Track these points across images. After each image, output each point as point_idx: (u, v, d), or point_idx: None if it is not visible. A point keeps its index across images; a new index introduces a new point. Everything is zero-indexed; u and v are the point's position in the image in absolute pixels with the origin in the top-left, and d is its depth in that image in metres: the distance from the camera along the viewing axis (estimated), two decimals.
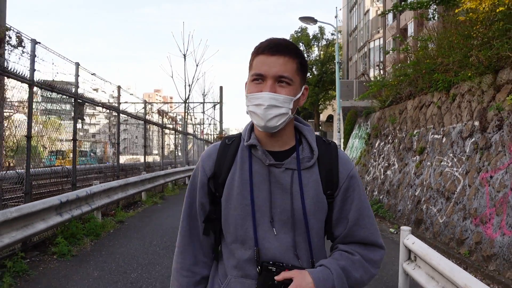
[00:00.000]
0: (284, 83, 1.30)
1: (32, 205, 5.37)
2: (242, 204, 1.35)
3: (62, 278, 5.08)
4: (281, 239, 1.34)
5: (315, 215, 1.36)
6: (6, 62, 5.13)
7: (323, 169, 1.39)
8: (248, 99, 1.33)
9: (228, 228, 1.39)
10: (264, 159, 1.36)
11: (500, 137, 6.69)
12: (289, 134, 1.40)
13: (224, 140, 1.48)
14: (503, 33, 6.85)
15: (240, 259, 1.36)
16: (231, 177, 1.38)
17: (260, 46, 1.33)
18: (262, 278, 1.29)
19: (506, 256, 5.73)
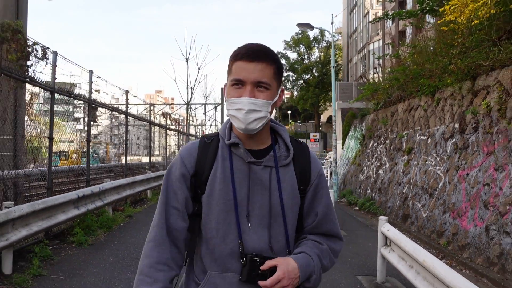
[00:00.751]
0: (262, 88, 1.38)
1: (55, 199, 6.09)
2: (224, 199, 1.42)
3: (82, 263, 5.80)
4: (256, 232, 1.42)
5: (291, 209, 1.47)
6: (34, 72, 5.86)
7: (298, 167, 1.50)
8: (228, 103, 1.41)
9: (209, 223, 1.43)
10: (245, 157, 1.44)
11: (476, 138, 7.39)
12: (266, 134, 1.50)
13: (203, 138, 1.54)
14: (479, 43, 7.55)
15: (221, 254, 1.42)
16: (213, 174, 1.44)
17: (238, 52, 1.40)
18: (247, 269, 1.37)
19: (477, 244, 6.42)
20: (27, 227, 5.32)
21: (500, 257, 5.81)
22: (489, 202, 6.43)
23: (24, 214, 5.17)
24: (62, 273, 5.31)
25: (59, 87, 6.71)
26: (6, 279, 4.87)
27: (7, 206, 5.02)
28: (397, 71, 11.37)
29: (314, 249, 1.48)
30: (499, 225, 6.02)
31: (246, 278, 1.37)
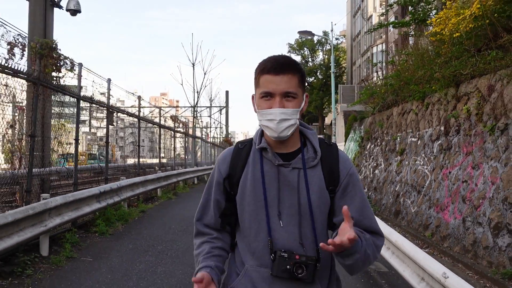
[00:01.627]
0: (290, 97, 1.51)
1: (81, 193, 6.99)
2: (255, 200, 1.55)
3: (106, 249, 6.69)
4: (287, 230, 1.53)
5: (319, 208, 1.55)
6: (63, 81, 6.77)
7: (326, 168, 1.58)
8: (260, 114, 1.54)
9: (243, 222, 1.59)
10: (274, 160, 1.56)
11: (457, 140, 8.21)
12: (295, 137, 1.61)
13: (237, 144, 1.70)
14: (460, 54, 8.38)
15: (255, 250, 1.56)
16: (244, 176, 1.59)
17: (265, 67, 1.53)
18: (277, 264, 1.49)
19: (456, 235, 7.24)
20: (60, 216, 6.22)
21: (474, 244, 6.63)
22: (466, 197, 7.25)
23: (58, 204, 6.07)
24: (90, 256, 6.20)
25: (83, 95, 7.63)
26: (44, 260, 5.77)
27: (44, 198, 5.92)
28: (391, 77, 12.20)
29: (361, 234, 1.54)
30: (474, 217, 6.84)
31: (276, 272, 1.49)
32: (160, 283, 5.14)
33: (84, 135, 27.73)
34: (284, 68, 1.50)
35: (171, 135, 17.09)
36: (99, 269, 5.64)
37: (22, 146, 7.39)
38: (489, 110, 7.26)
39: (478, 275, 6.03)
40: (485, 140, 7.22)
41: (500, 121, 6.86)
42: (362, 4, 50.76)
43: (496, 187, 6.51)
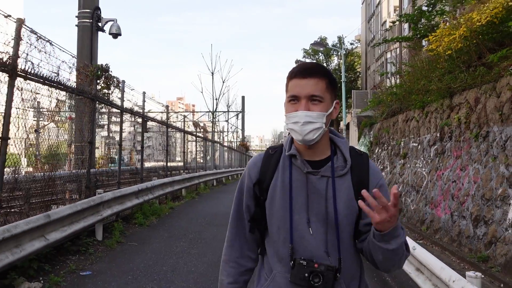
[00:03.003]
0: (316, 101, 1.54)
1: (125, 190, 8.39)
2: (283, 206, 1.58)
3: (146, 236, 8.05)
4: (316, 238, 1.55)
5: (347, 217, 1.57)
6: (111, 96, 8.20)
7: (355, 177, 1.59)
8: (287, 118, 1.58)
9: (272, 227, 1.61)
10: (303, 167, 1.59)
11: (450, 145, 9.37)
12: (325, 145, 1.62)
13: (268, 150, 1.73)
14: (452, 69, 9.55)
15: (283, 256, 1.58)
16: (274, 182, 1.61)
17: (293, 71, 1.59)
18: (295, 271, 1.52)
19: (445, 228, 8.41)
20: (110, 208, 7.61)
21: (458, 235, 7.80)
22: (455, 195, 8.42)
23: (109, 198, 7.46)
24: (134, 242, 7.58)
25: (125, 107, 9.07)
26: (99, 243, 7.15)
27: (99, 193, 7.31)
28: (396, 87, 13.36)
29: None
30: (459, 212, 8.01)
31: (294, 279, 1.51)
32: (195, 261, 6.46)
33: (103, 139, 29.37)
34: (310, 72, 1.55)
35: (193, 139, 18.50)
36: (144, 251, 6.99)
37: (71, 150, 8.84)
38: (475, 119, 8.42)
39: (460, 259, 7.20)
40: (471, 145, 8.38)
41: (483, 129, 8.02)
42: (376, 9, 51.72)
43: (477, 185, 7.67)
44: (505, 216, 6.56)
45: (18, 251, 4.70)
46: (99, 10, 9.47)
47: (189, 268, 6.11)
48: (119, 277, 5.56)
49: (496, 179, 7.11)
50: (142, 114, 10.57)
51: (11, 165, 5.34)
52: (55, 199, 6.83)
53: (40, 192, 6.10)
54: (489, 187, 7.23)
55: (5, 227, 4.53)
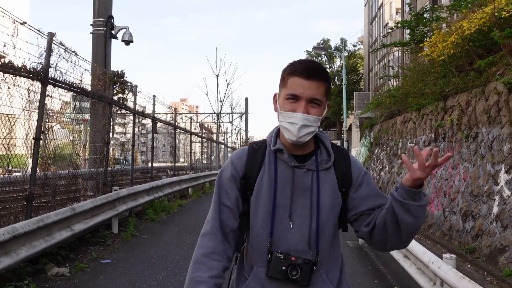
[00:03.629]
0: (315, 104, 1.55)
1: (138, 187, 9.00)
2: (269, 200, 1.59)
3: (158, 231, 8.66)
4: (297, 231, 1.57)
5: (332, 209, 1.61)
6: (126, 101, 8.81)
7: (339, 170, 1.65)
8: (282, 115, 1.57)
9: (256, 222, 1.62)
10: (289, 162, 1.62)
11: (443, 146, 9.93)
12: (310, 140, 1.63)
13: (251, 145, 1.73)
14: (445, 74, 10.12)
15: (266, 250, 1.58)
16: (260, 177, 1.62)
17: (296, 69, 1.56)
18: (272, 265, 1.54)
19: (438, 223, 8.97)
20: (125, 204, 8.22)
21: (449, 229, 8.36)
22: (446, 192, 8.98)
23: (124, 195, 8.07)
24: (147, 235, 8.19)
25: (137, 109, 9.69)
26: (115, 236, 7.77)
27: (115, 189, 7.92)
28: (394, 90, 13.92)
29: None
30: (450, 208, 8.57)
31: (271, 273, 1.53)
32: None
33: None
34: (315, 74, 1.54)
35: (199, 141, 19.13)
36: (157, 243, 7.60)
37: (86, 150, 9.46)
38: (466, 121, 8.98)
39: (450, 252, 7.74)
40: (462, 145, 8.95)
41: (473, 130, 8.58)
42: (378, 12, 52.24)
43: (466, 183, 8.24)
44: (490, 211, 7.13)
45: (49, 239, 5.31)
46: (112, 18, 10.10)
47: None
48: (136, 265, 6.16)
49: (483, 177, 7.67)
50: (153, 116, 11.20)
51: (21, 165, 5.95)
52: (78, 196, 7.43)
53: (65, 189, 6.72)
54: (477, 184, 7.80)
55: (39, 217, 5.15)
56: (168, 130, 14.73)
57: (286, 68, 1.60)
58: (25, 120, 6.08)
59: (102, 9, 10.00)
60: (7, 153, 5.33)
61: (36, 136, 5.35)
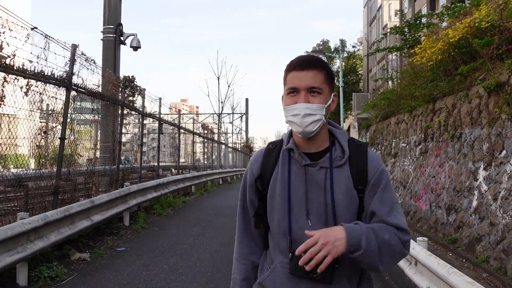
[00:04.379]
0: (315, 93, 1.56)
1: (146, 184, 9.71)
2: (283, 200, 1.62)
3: (165, 223, 9.37)
4: (315, 229, 1.53)
5: (347, 208, 1.59)
6: (134, 103, 9.52)
7: (354, 167, 1.61)
8: (286, 110, 1.60)
9: (273, 221, 1.66)
10: (301, 160, 1.63)
11: (431, 145, 10.65)
12: (324, 137, 1.66)
13: (268, 145, 1.77)
14: (434, 78, 10.83)
15: (284, 248, 1.62)
16: (274, 177, 1.66)
17: (291, 64, 1.61)
18: (294, 262, 1.53)
19: (426, 217, 9.68)
20: (135, 199, 8.94)
21: (435, 222, 9.07)
22: (433, 188, 9.69)
23: (135, 190, 8.79)
24: (156, 227, 8.90)
25: (146, 111, 10.41)
26: (127, 228, 8.48)
27: (126, 185, 8.63)
28: (387, 92, 14.64)
29: (369, 224, 1.58)
30: (437, 203, 9.28)
31: (293, 271, 1.55)
32: (209, 242, 7.76)
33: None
34: (309, 64, 1.57)
35: (200, 141, 19.85)
36: (165, 234, 8.31)
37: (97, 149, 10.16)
38: (452, 122, 9.68)
39: (434, 242, 8.46)
40: (448, 145, 9.65)
41: (457, 131, 9.29)
42: (377, 13, 52.98)
43: (451, 179, 8.95)
44: (470, 204, 7.84)
45: (73, 227, 6.03)
46: (121, 25, 10.81)
47: (205, 246, 7.41)
48: (148, 252, 6.87)
49: (465, 174, 8.39)
50: (159, 117, 11.92)
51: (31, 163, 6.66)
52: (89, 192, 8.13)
53: (84, 183, 7.44)
54: (460, 181, 8.51)
55: (65, 208, 5.86)
56: (173, 131, 15.42)
57: (285, 68, 1.65)
58: (44, 121, 6.80)
59: (112, 17, 10.71)
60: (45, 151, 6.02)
61: (61, 136, 6.06)
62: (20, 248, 4.75)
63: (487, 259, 6.69)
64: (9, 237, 4.52)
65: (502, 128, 7.33)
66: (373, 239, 1.50)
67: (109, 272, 5.77)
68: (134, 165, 10.49)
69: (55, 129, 6.50)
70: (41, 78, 5.42)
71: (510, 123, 7.09)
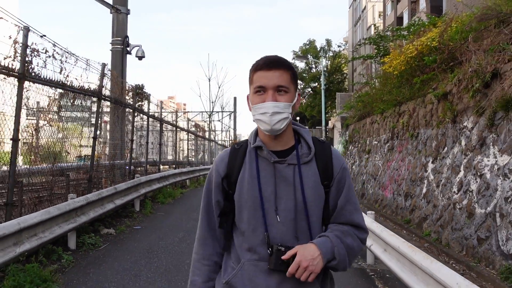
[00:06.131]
0: (282, 91, 1.64)
1: (151, 176, 11.42)
2: (252, 197, 1.68)
3: (169, 210, 11.10)
4: (284, 225, 1.66)
5: (315, 202, 1.69)
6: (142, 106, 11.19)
7: (320, 163, 1.72)
8: (254, 109, 1.67)
9: (242, 218, 1.72)
10: (269, 158, 1.69)
11: (396, 143, 12.52)
12: (289, 135, 1.73)
13: (233, 145, 1.83)
14: (399, 85, 12.71)
15: (253, 245, 1.69)
16: (242, 175, 1.72)
17: (258, 64, 1.68)
18: (274, 257, 1.62)
19: (389, 204, 11.55)
20: (144, 188, 10.63)
21: (396, 208, 10.95)
22: (396, 179, 11.57)
23: (143, 181, 10.49)
24: (162, 212, 10.61)
25: (151, 114, 12.08)
26: (137, 212, 10.18)
27: (137, 177, 10.32)
28: (363, 95, 16.54)
29: (333, 232, 1.70)
30: (398, 191, 11.15)
31: (274, 266, 1.62)
32: None
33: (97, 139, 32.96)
34: (275, 64, 1.65)
35: (193, 138, 21.57)
36: (170, 218, 10.02)
37: (106, 147, 11.80)
38: (412, 124, 11.55)
39: (394, 224, 10.33)
40: (408, 143, 11.53)
41: (416, 131, 11.16)
42: (362, 14, 55.04)
43: (409, 172, 10.82)
44: (421, 191, 9.71)
45: (103, 207, 7.73)
46: (127, 37, 12.43)
47: None
48: (160, 229, 8.59)
49: (419, 167, 10.26)
50: (160, 118, 13.60)
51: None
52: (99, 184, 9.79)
53: (107, 174, 9.13)
54: (415, 172, 10.38)
55: (98, 192, 7.58)
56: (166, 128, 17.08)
57: (250, 68, 1.71)
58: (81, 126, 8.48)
59: (120, 30, 12.32)
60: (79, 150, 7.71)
61: (94, 136, 7.74)
62: (72, 220, 6.44)
63: (429, 233, 8.55)
64: (66, 211, 6.20)
65: (446, 129, 9.20)
66: (342, 247, 1.66)
67: (132, 242, 7.48)
68: (141, 160, 12.16)
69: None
70: (82, 92, 7.10)
71: (451, 125, 8.96)
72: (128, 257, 6.52)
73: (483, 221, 6.79)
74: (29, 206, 6.20)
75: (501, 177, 6.62)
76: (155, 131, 14.08)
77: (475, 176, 7.45)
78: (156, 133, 21.03)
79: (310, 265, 1.57)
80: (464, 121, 8.41)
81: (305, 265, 1.57)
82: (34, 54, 5.34)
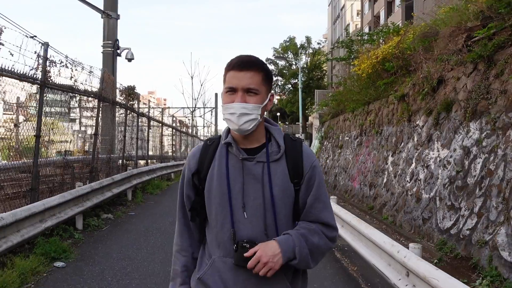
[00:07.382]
0: (252, 93, 1.66)
1: (142, 169, 12.58)
2: (221, 193, 1.72)
3: (158, 199, 12.29)
4: (252, 221, 1.69)
5: (282, 200, 1.71)
6: (133, 105, 12.32)
7: (290, 161, 1.73)
8: (223, 108, 1.70)
9: (211, 214, 1.76)
10: (238, 154, 1.73)
11: (364, 139, 13.95)
12: (260, 133, 1.76)
13: (206, 141, 1.87)
14: (367, 86, 14.13)
15: (221, 241, 1.73)
16: (211, 171, 1.76)
17: (231, 63, 1.70)
18: (238, 254, 1.66)
19: (357, 193, 12.97)
20: (135, 180, 11.80)
21: (362, 197, 12.37)
22: (363, 172, 12.99)
23: (135, 173, 11.65)
24: (151, 201, 11.80)
25: (141, 112, 13.21)
26: (130, 201, 11.35)
27: (129, 169, 11.46)
28: (336, 94, 17.98)
29: (299, 230, 1.73)
30: (364, 182, 12.58)
31: (238, 262, 1.66)
32: None
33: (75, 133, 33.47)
34: (247, 65, 1.67)
35: (177, 134, 22.73)
36: (160, 206, 11.22)
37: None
38: (377, 121, 12.98)
39: (359, 210, 11.73)
40: (374, 139, 12.95)
41: (380, 128, 12.59)
42: (341, 12, 56.65)
43: (373, 164, 12.25)
44: (382, 181, 11.14)
45: (103, 195, 8.89)
46: (117, 41, 13.52)
47: None
48: (152, 215, 9.79)
49: (382, 160, 11.68)
50: (148, 115, 14.71)
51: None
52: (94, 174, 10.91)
53: (105, 166, 10.27)
54: (378, 165, 11.81)
55: (100, 181, 8.75)
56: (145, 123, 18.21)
57: (225, 66, 1.74)
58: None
59: (110, 34, 13.40)
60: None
61: (95, 132, 8.88)
62: (80, 204, 7.61)
63: (387, 217, 9.97)
64: (76, 197, 7.36)
65: (403, 127, 10.63)
66: (305, 246, 1.69)
67: (130, 225, 8.67)
68: (132, 153, 13.29)
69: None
70: (87, 94, 8.23)
71: (407, 123, 10.38)
72: (128, 236, 7.73)
73: (427, 204, 8.22)
74: (43, 192, 7.33)
75: (441, 168, 8.04)
76: (144, 127, 15.20)
77: (423, 167, 8.88)
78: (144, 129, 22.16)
79: (269, 262, 1.61)
80: (417, 120, 9.83)
81: (265, 261, 1.61)
82: (51, 65, 6.46)
